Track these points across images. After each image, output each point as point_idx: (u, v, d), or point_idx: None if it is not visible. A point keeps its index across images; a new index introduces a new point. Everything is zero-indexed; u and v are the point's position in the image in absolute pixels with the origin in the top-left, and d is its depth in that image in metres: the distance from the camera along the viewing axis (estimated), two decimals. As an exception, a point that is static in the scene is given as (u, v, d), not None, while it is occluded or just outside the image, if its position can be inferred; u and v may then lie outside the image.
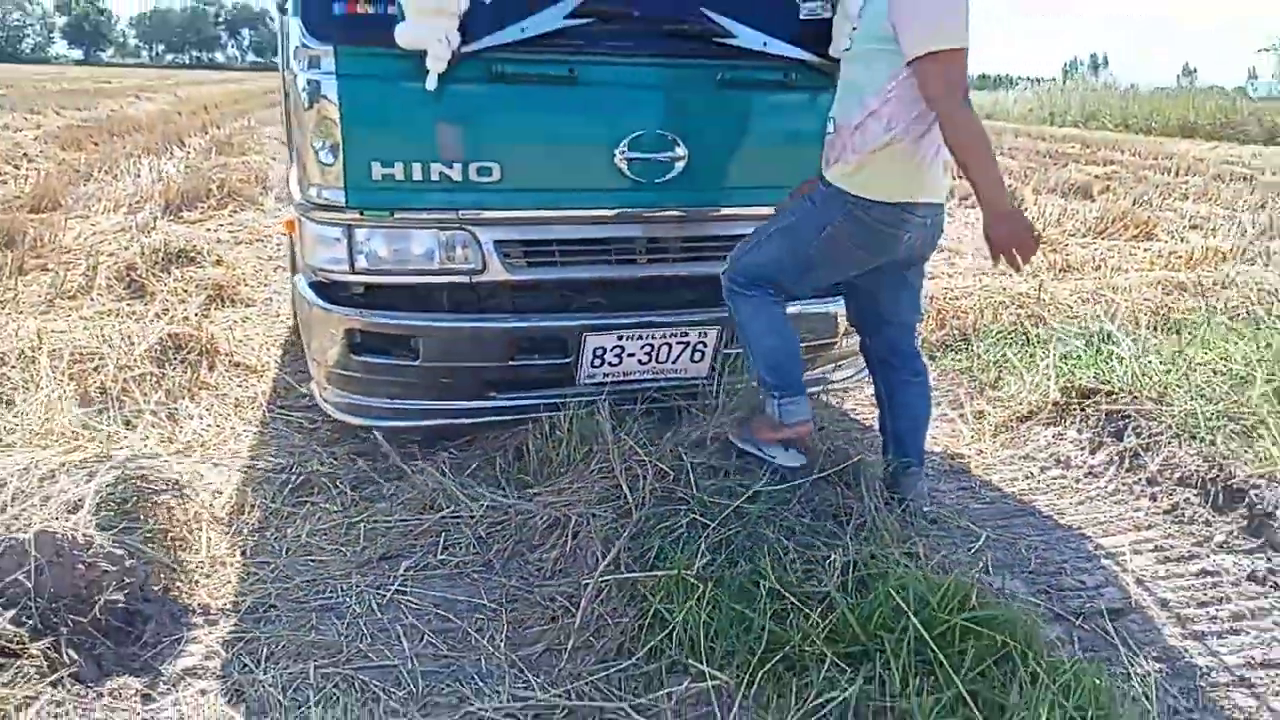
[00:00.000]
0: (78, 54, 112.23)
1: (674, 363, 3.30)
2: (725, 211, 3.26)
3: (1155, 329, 5.20)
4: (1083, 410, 3.55)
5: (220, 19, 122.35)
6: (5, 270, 6.04)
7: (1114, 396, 3.48)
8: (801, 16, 3.19)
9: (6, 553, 1.97)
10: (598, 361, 3.20)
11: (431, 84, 2.81)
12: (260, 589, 2.45)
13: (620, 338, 3.18)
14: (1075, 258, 7.90)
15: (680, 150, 3.09)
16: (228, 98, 27.64)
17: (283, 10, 3.58)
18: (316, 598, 2.45)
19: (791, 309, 3.18)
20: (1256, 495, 2.86)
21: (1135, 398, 3.44)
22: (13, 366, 4.04)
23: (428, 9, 2.73)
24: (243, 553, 2.64)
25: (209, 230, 7.87)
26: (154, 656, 2.11)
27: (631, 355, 3.22)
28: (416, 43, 2.76)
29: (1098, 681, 1.87)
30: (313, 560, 2.64)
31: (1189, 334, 4.38)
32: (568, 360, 3.18)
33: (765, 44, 3.12)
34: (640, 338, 3.19)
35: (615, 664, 2.10)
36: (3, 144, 12.90)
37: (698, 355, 3.29)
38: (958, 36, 2.35)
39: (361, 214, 2.95)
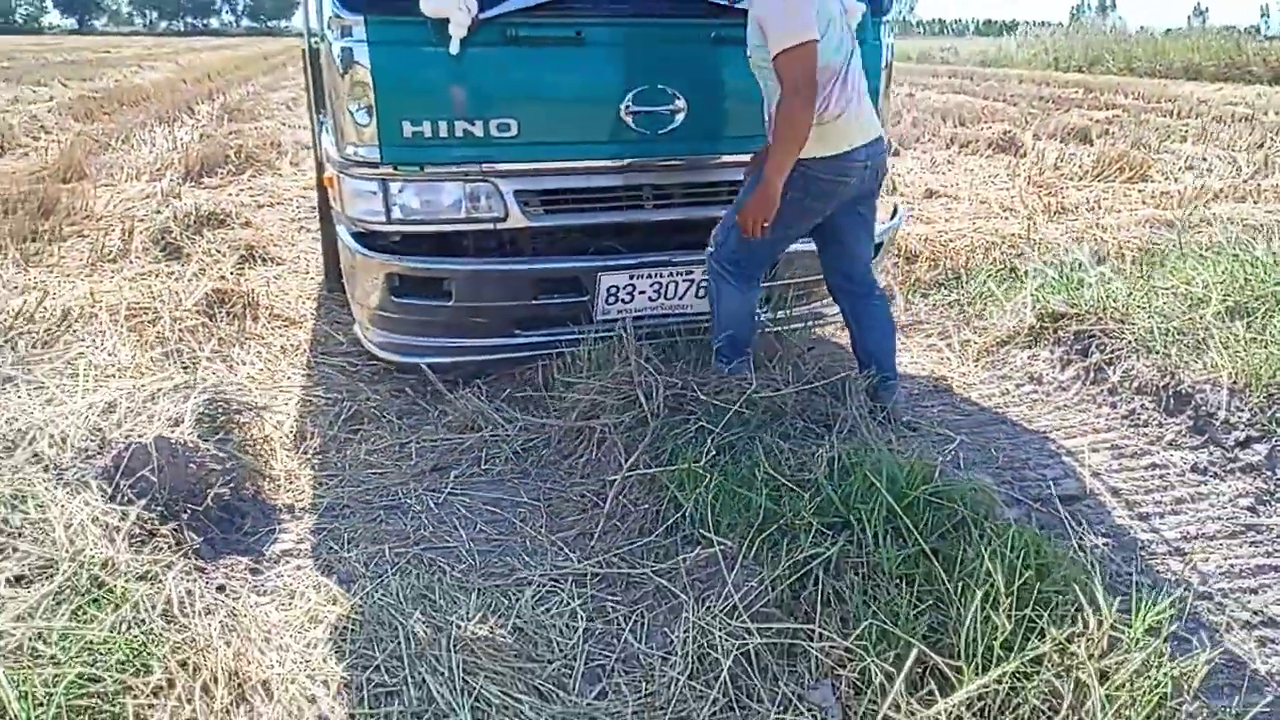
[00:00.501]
0: (71, 23, 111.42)
1: (680, 299, 3.65)
2: (722, 159, 3.58)
3: (1136, 262, 5.52)
4: (1055, 333, 3.91)
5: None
6: (46, 237, 6.41)
7: (1082, 319, 3.84)
8: (789, -24, 3.48)
9: (134, 455, 2.37)
10: (612, 299, 3.55)
11: (454, 48, 3.13)
12: (333, 493, 2.86)
13: (632, 277, 3.52)
14: (1070, 200, 8.16)
15: (680, 103, 3.40)
16: (228, 64, 27.71)
17: (310, -20, 3.87)
18: (382, 500, 2.86)
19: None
20: (1201, 399, 3.23)
21: (1100, 319, 3.79)
22: (75, 320, 4.41)
23: (449, -21, 3.03)
24: (312, 467, 3.05)
25: (231, 195, 8.17)
26: (255, 542, 2.53)
27: (642, 293, 3.57)
28: (439, 11, 3.08)
29: (1040, 542, 2.25)
30: (373, 472, 3.04)
31: (1159, 264, 4.70)
32: (585, 299, 3.53)
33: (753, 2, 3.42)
34: (650, 276, 3.53)
35: (639, 540, 2.51)
36: (18, 117, 13.19)
37: (701, 291, 3.63)
38: (804, 32, 2.78)
39: (395, 169, 3.29)
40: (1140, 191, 8.69)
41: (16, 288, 4.56)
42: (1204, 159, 10.51)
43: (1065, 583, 2.08)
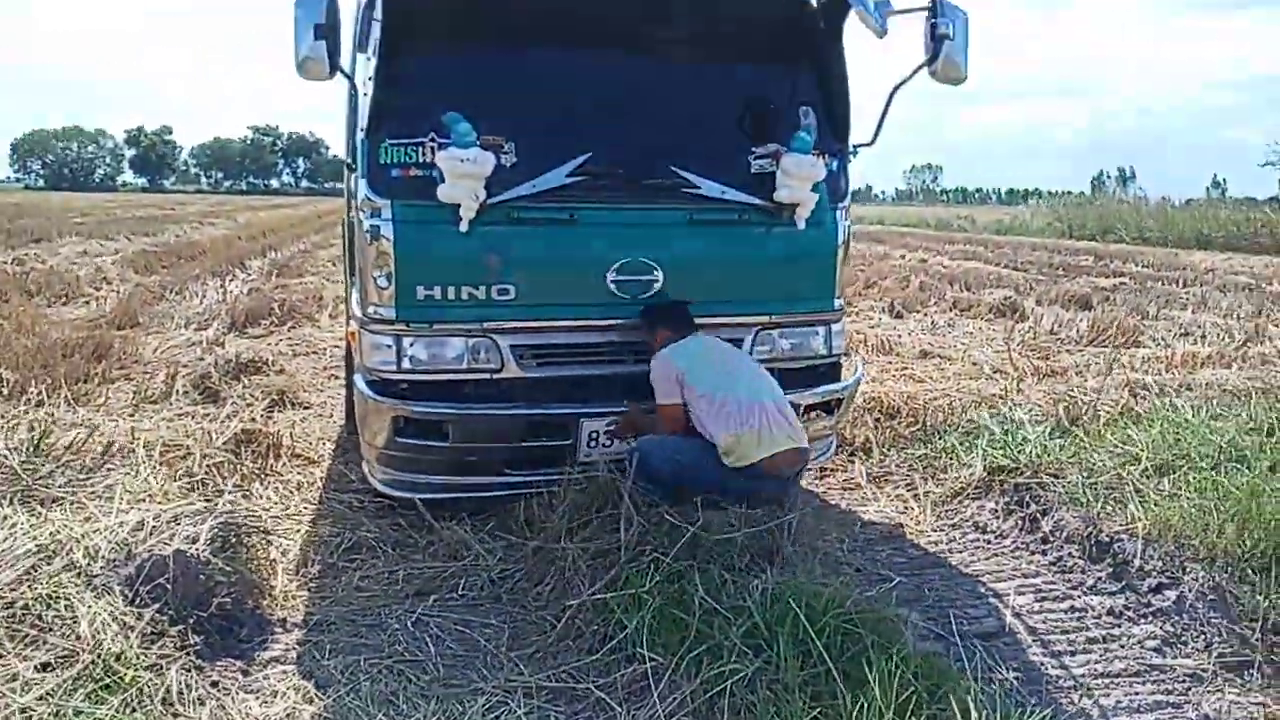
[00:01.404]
0: (143, 181, 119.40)
1: (655, 444, 4.03)
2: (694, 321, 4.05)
3: (1109, 422, 5.80)
4: (1001, 485, 4.23)
5: (277, 148, 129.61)
6: (97, 379, 7.00)
7: (1022, 473, 4.16)
8: (752, 170, 4.09)
9: (154, 565, 2.76)
10: (592, 443, 3.95)
11: (464, 227, 3.70)
12: (324, 612, 3.22)
13: (611, 423, 3.93)
14: (1060, 364, 8.50)
15: (658, 274, 3.93)
16: (284, 222, 29.65)
17: (349, 169, 4.53)
18: (365, 618, 3.20)
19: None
20: (1119, 547, 3.51)
21: (1036, 474, 4.11)
22: (115, 455, 4.86)
23: (462, 173, 3.63)
24: (308, 589, 3.41)
25: (271, 344, 8.79)
26: (248, 648, 2.87)
27: (620, 438, 3.97)
28: (453, 198, 3.66)
29: (937, 667, 2.52)
30: (362, 595, 3.39)
31: (1113, 425, 5.02)
32: (568, 442, 3.93)
33: (723, 192, 4.01)
34: None
35: (586, 658, 2.82)
36: (86, 269, 14.31)
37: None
38: (663, 399, 3.75)
39: (408, 325, 3.80)
40: (1131, 357, 8.96)
41: (67, 424, 5.06)
42: (1199, 326, 10.84)
43: (950, 702, 2.34)
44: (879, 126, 4.24)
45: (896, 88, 4.11)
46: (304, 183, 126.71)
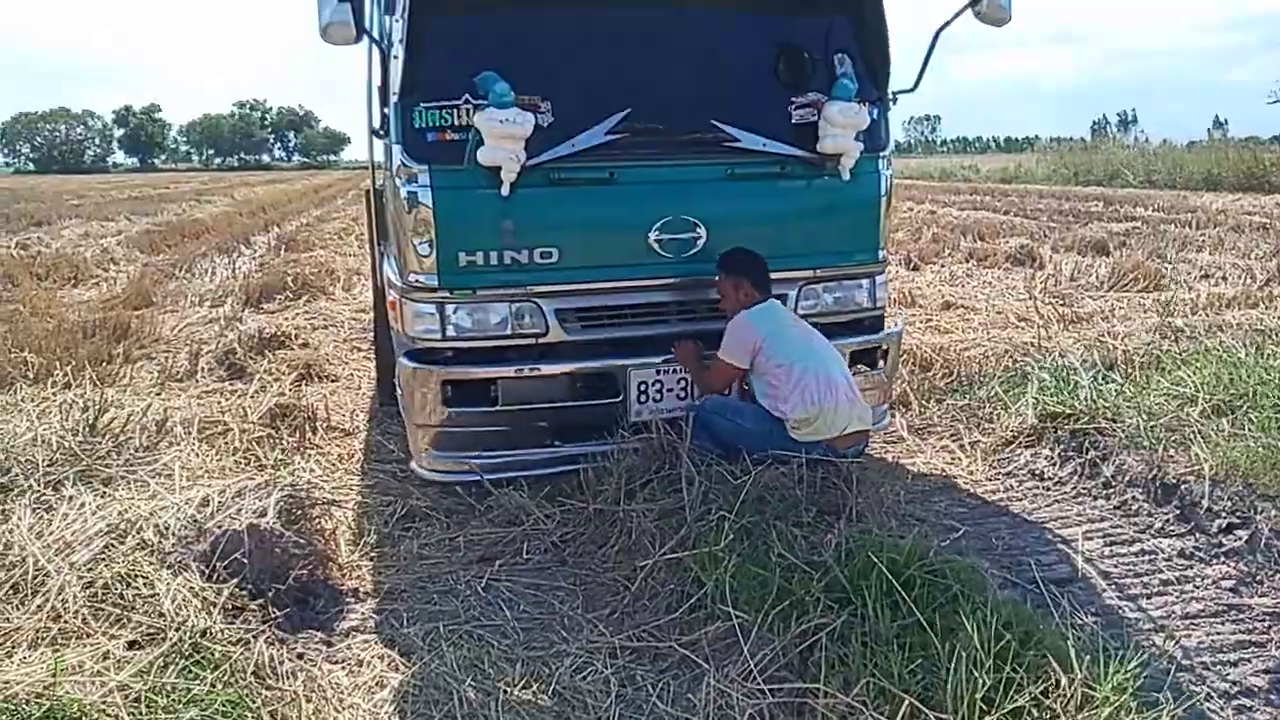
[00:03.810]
0: (133, 161, 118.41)
1: (705, 397, 3.98)
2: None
3: (1143, 367, 5.77)
4: (1055, 432, 4.20)
5: (266, 124, 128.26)
6: (119, 359, 6.94)
7: (1077, 419, 4.13)
8: (793, 121, 4.00)
9: (230, 540, 2.75)
10: (643, 397, 3.90)
11: (505, 191, 3.63)
12: (392, 580, 3.21)
13: (659, 373, 3.89)
14: (1085, 310, 8.44)
15: (700, 230, 3.86)
16: (281, 197, 29.40)
17: (377, 135, 4.41)
18: (435, 585, 3.19)
19: None
20: (1186, 489, 3.48)
21: (1093, 419, 4.08)
22: (150, 434, 4.80)
23: (502, 134, 3.54)
24: (371, 559, 3.40)
25: (289, 318, 8.69)
26: (327, 619, 2.87)
27: (670, 390, 3.92)
28: (493, 161, 3.58)
29: (1024, 614, 2.50)
30: (426, 563, 3.38)
31: (1158, 368, 4.98)
32: (618, 399, 3.88)
33: (765, 144, 3.92)
34: (676, 372, 3.90)
35: (665, 617, 2.81)
36: (91, 250, 14.19)
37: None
38: (726, 356, 3.72)
39: (451, 292, 3.74)
40: (1155, 300, 8.88)
41: (105, 404, 5.00)
42: (1219, 267, 10.74)
43: (1044, 648, 2.32)
44: (921, 71, 4.14)
45: (939, 30, 4.01)
46: (296, 157, 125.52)
